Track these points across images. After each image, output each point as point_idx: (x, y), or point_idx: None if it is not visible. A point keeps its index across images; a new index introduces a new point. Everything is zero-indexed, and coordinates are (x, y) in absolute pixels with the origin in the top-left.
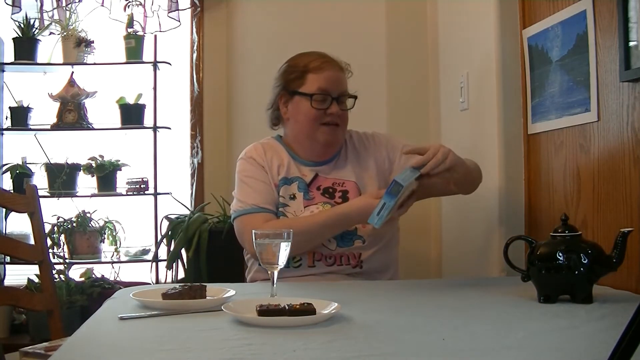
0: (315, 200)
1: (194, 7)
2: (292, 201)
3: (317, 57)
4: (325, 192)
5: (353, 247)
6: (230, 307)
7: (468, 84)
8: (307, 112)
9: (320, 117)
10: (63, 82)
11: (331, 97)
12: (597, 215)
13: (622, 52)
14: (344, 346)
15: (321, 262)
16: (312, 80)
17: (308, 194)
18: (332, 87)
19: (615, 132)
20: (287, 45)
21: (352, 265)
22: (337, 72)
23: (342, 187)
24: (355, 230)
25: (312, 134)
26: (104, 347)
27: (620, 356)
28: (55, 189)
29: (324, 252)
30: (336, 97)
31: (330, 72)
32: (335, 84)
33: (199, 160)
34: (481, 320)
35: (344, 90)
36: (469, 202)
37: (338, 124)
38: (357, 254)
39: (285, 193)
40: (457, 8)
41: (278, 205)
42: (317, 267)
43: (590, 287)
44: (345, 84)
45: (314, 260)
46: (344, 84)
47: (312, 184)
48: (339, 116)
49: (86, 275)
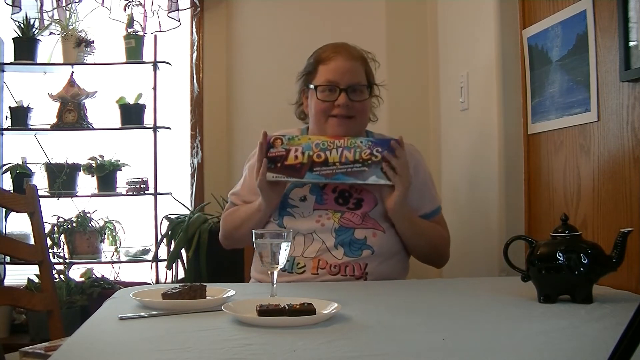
0: (326, 205)
1: (194, 7)
2: (301, 203)
3: (330, 47)
4: (340, 197)
5: (361, 257)
6: (230, 307)
7: (468, 84)
8: (316, 104)
9: (327, 110)
10: (63, 82)
11: (339, 88)
12: (597, 215)
13: (622, 52)
14: (344, 346)
15: (325, 271)
16: (322, 72)
17: (321, 197)
18: (340, 77)
19: (615, 132)
20: (287, 45)
21: (356, 276)
22: (347, 62)
23: (359, 194)
24: (364, 240)
25: (323, 127)
26: (104, 347)
27: (620, 356)
28: (55, 189)
29: (329, 260)
30: (345, 87)
31: (338, 62)
32: (344, 74)
33: (199, 160)
34: (481, 320)
35: (356, 81)
36: (469, 202)
37: (350, 116)
38: (363, 264)
39: (296, 195)
40: (457, 8)
41: (285, 205)
42: (320, 275)
43: (590, 287)
44: (360, 73)
45: (318, 268)
46: (356, 74)
47: (328, 185)
48: (350, 107)
49: (86, 275)
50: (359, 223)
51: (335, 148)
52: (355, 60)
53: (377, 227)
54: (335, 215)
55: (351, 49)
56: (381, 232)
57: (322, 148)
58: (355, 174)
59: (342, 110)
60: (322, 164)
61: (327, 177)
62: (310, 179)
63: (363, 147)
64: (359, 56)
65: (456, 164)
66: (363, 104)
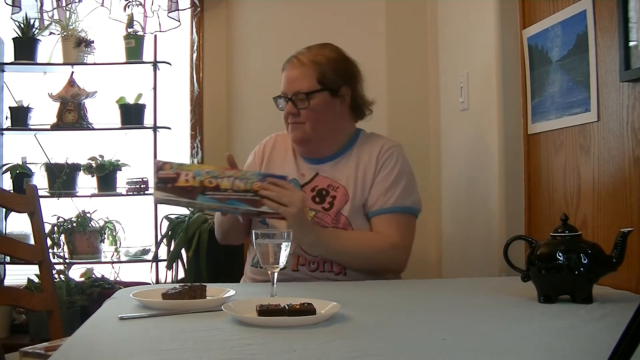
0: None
1: (194, 7)
2: None
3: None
4: (317, 195)
5: None
6: (230, 307)
7: (468, 84)
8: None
9: (285, 118)
10: (63, 82)
11: (287, 97)
12: (597, 215)
13: (622, 52)
14: (344, 346)
15: (304, 267)
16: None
17: None
18: (287, 87)
19: (615, 132)
20: (286, 45)
21: (335, 272)
22: (293, 71)
23: (334, 191)
24: None
25: (288, 132)
26: (104, 347)
27: (620, 356)
28: (55, 189)
29: (307, 257)
30: (291, 96)
31: (287, 72)
32: (289, 83)
33: (199, 160)
34: (481, 320)
35: (297, 89)
36: (469, 202)
37: (301, 122)
38: None
39: None
40: (457, 8)
41: None
42: (300, 271)
43: (590, 287)
44: (304, 80)
45: (298, 264)
46: (298, 82)
47: (309, 185)
48: (296, 115)
49: (86, 275)
50: (329, 222)
51: (227, 177)
52: (302, 67)
53: (348, 227)
54: (310, 213)
55: (302, 55)
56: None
57: (213, 175)
58: (248, 201)
59: (291, 118)
60: (214, 189)
61: (220, 201)
62: (203, 201)
63: (254, 179)
64: (309, 61)
65: (456, 164)
66: (307, 111)
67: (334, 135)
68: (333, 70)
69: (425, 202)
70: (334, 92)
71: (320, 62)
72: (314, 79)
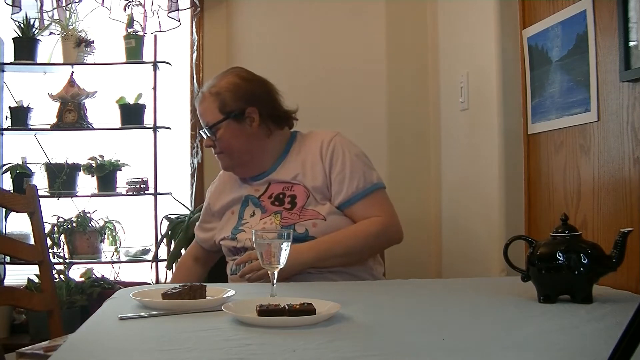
0: (267, 212)
1: (194, 7)
2: (251, 218)
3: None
4: (275, 200)
5: None
6: (230, 307)
7: (468, 84)
8: None
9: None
10: (63, 82)
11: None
12: (597, 215)
13: (622, 52)
14: (344, 346)
15: None
16: None
17: (262, 206)
18: (201, 122)
19: (615, 132)
20: (286, 46)
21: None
22: (200, 106)
23: (291, 191)
24: (306, 232)
25: None
26: (104, 347)
27: (620, 356)
28: (55, 189)
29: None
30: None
31: (197, 107)
32: (200, 118)
33: (199, 160)
34: (481, 320)
35: (205, 123)
36: (469, 202)
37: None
38: None
39: (247, 213)
40: (457, 8)
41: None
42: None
43: (590, 287)
44: (208, 113)
45: None
46: (204, 116)
47: (265, 194)
48: (215, 147)
49: (86, 275)
50: (296, 219)
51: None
52: (205, 101)
53: (316, 217)
54: (276, 217)
55: (206, 88)
56: (321, 220)
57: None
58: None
59: (213, 150)
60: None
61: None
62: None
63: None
64: (209, 94)
65: (456, 164)
66: (219, 142)
67: (260, 154)
68: (232, 96)
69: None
70: (239, 117)
71: (218, 92)
72: (216, 110)
